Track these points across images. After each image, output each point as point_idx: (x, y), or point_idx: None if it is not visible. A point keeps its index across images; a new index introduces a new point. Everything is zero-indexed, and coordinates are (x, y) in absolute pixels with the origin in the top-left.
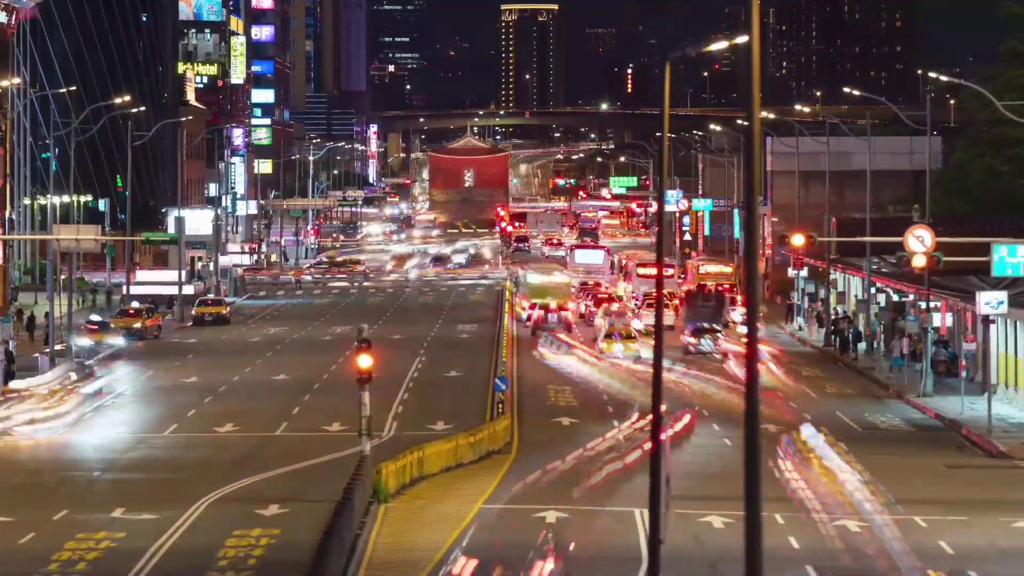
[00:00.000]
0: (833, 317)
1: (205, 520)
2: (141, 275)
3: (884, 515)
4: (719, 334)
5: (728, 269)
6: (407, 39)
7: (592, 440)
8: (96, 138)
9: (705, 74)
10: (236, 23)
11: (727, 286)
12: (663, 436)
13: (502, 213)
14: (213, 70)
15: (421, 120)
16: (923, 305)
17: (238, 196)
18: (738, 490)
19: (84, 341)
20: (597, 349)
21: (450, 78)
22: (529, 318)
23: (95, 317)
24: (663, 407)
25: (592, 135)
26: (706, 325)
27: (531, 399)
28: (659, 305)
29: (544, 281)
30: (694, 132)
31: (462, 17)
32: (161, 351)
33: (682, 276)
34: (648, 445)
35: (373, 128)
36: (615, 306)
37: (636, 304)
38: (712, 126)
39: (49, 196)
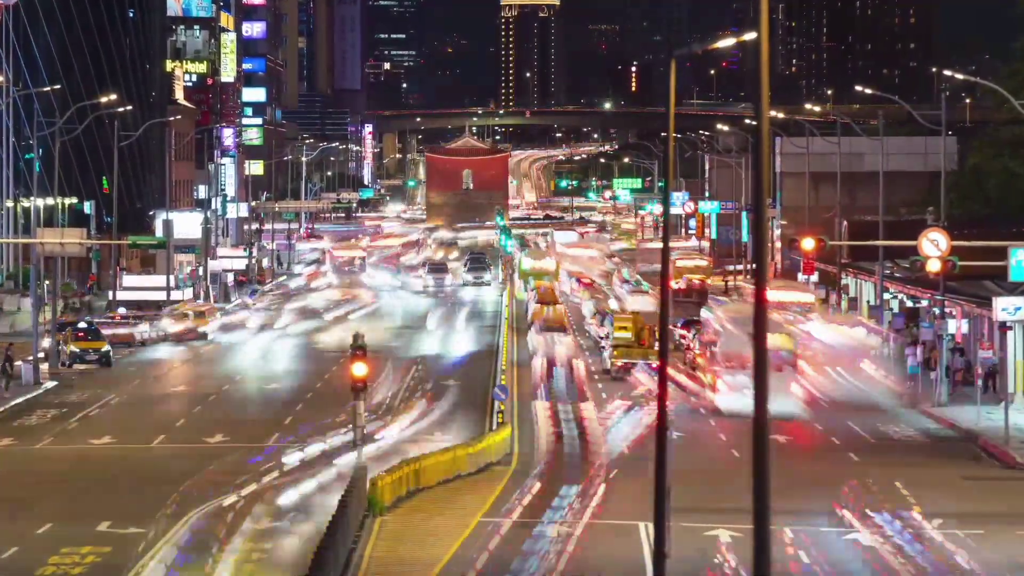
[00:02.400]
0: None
1: (194, 534)
2: (128, 280)
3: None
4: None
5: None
6: (403, 36)
7: (592, 451)
8: (81, 138)
9: (712, 72)
10: (226, 19)
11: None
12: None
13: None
14: (202, 68)
15: (418, 120)
16: (938, 311)
17: (228, 198)
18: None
19: (72, 348)
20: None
21: (448, 76)
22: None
23: (83, 323)
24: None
25: (595, 135)
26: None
27: (532, 409)
28: (664, 312)
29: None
30: (701, 132)
31: (460, 13)
32: (148, 358)
33: None
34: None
35: (368, 128)
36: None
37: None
38: (719, 126)
39: (32, 198)
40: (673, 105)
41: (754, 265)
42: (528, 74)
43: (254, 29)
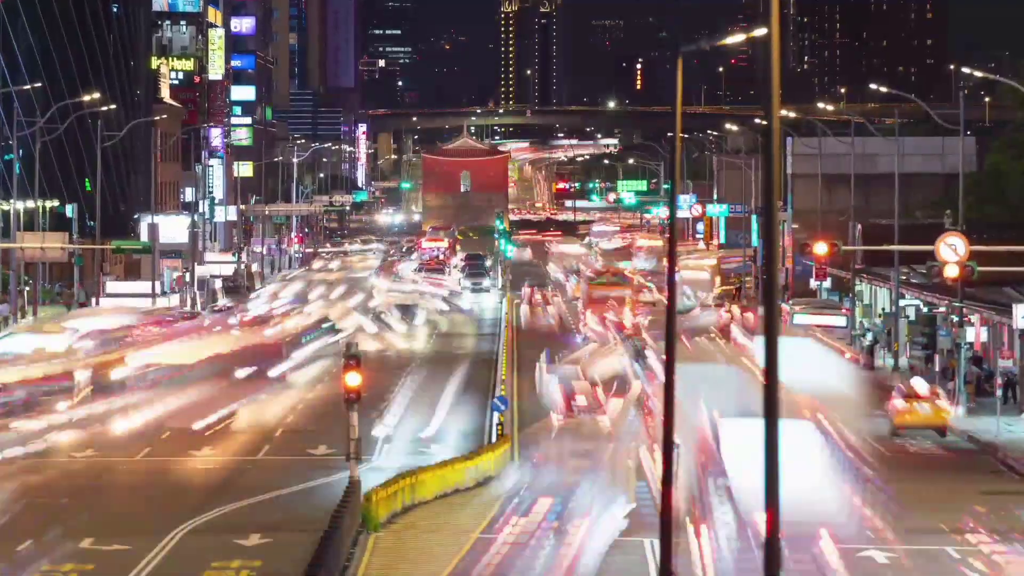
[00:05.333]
0: (858, 331)
1: (180, 551)
2: (112, 287)
3: (914, 545)
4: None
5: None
6: (399, 31)
7: (596, 463)
8: (63, 138)
9: (721, 69)
10: (214, 14)
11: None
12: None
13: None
14: (189, 65)
15: (414, 119)
16: (956, 319)
17: (216, 201)
18: None
19: None
20: None
21: (445, 74)
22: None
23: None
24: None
25: (599, 135)
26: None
27: (533, 420)
28: (670, 320)
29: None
30: (709, 132)
31: (458, 8)
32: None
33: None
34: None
35: (362, 128)
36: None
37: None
38: (728, 125)
39: (12, 201)
40: (680, 104)
41: (764, 270)
42: (529, 72)
43: (243, 25)
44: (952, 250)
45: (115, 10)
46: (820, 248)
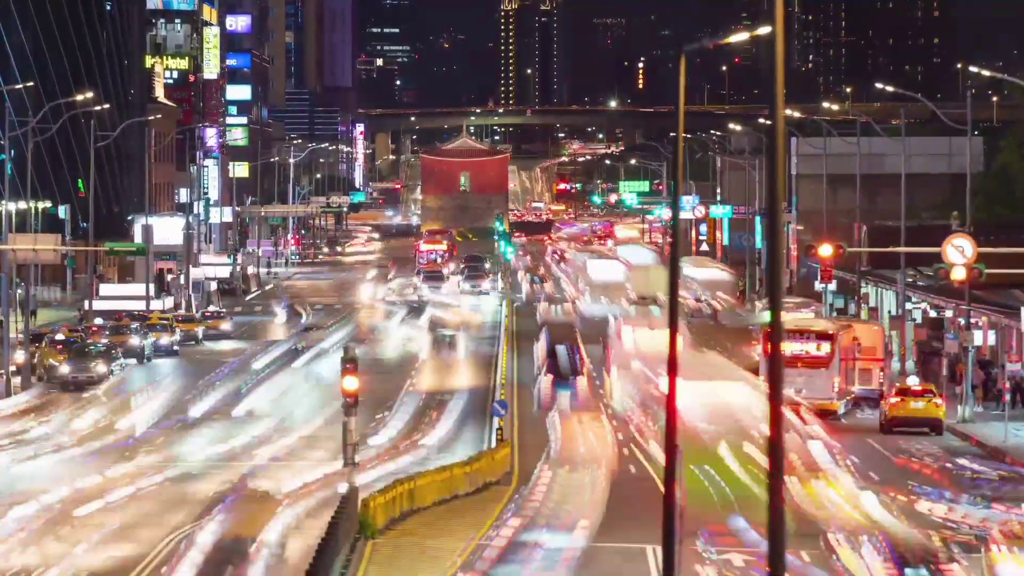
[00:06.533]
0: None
1: (177, 557)
2: (105, 289)
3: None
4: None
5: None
6: (397, 30)
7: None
8: (55, 138)
9: (724, 68)
10: (209, 12)
11: None
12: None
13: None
14: (184, 64)
15: (412, 119)
16: (963, 322)
17: (211, 202)
18: None
19: (51, 362)
20: None
21: (444, 73)
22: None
23: (60, 336)
24: None
25: (600, 135)
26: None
27: (533, 425)
28: (673, 329)
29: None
30: (712, 132)
31: (458, 6)
32: (128, 371)
33: None
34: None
35: (359, 128)
36: None
37: None
38: (732, 125)
39: (4, 202)
40: (683, 104)
41: (768, 273)
42: (529, 71)
43: (239, 23)
44: (959, 252)
45: (109, 8)
46: (825, 250)
